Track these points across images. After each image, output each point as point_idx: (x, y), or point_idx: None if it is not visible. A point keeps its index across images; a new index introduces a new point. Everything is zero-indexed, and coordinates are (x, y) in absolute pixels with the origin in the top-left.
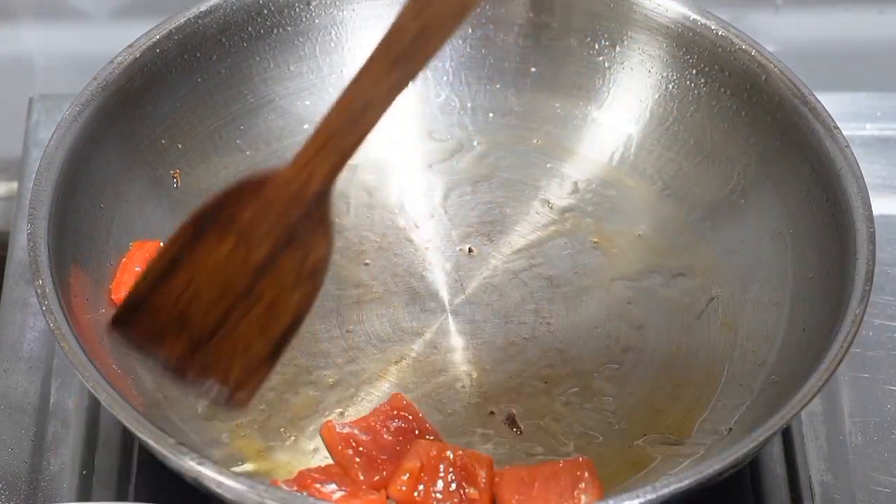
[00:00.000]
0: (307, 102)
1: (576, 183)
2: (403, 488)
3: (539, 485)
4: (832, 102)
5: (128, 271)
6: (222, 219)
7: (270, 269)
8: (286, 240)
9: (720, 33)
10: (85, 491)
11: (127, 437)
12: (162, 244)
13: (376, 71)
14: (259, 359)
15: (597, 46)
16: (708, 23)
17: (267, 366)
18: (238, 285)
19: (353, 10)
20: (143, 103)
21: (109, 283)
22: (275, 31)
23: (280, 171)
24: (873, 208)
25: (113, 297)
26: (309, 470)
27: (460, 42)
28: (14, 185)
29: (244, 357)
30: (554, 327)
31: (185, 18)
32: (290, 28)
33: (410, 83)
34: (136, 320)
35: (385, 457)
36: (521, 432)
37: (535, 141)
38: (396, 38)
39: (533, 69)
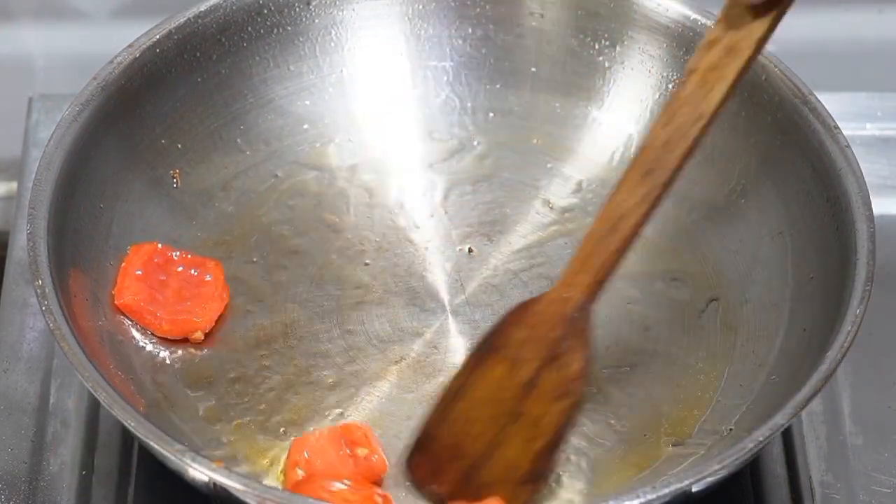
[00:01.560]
0: (307, 102)
1: (576, 183)
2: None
3: None
4: (832, 102)
5: (128, 276)
6: (496, 345)
7: (535, 386)
8: (549, 357)
9: None
10: (85, 491)
11: (127, 437)
12: (187, 252)
13: (630, 184)
14: (523, 479)
15: (597, 46)
16: (708, 22)
17: (529, 487)
18: (506, 407)
19: (353, 10)
20: (143, 103)
21: (109, 283)
22: (275, 30)
23: (548, 292)
24: (873, 208)
25: (116, 302)
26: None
27: (460, 42)
28: (14, 185)
29: (510, 478)
30: None
31: (184, 18)
32: (289, 28)
33: (662, 192)
34: (423, 456)
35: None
36: None
37: (536, 141)
38: (647, 151)
39: (533, 69)
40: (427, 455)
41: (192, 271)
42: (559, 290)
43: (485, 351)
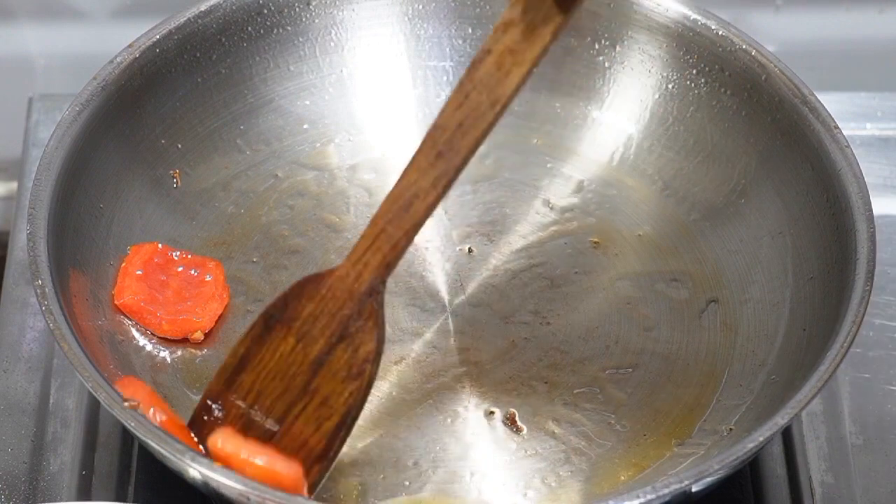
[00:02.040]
0: (307, 102)
1: (576, 183)
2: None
3: None
4: (832, 102)
5: (129, 276)
6: (285, 317)
7: (325, 364)
8: (340, 335)
9: (720, 33)
10: (84, 491)
11: (126, 437)
12: (187, 252)
13: (422, 164)
14: (313, 457)
15: (597, 46)
16: (708, 22)
17: (319, 465)
18: (296, 383)
19: (353, 10)
20: (143, 103)
21: (109, 283)
22: (274, 30)
23: (335, 269)
24: (873, 208)
25: (116, 302)
26: None
27: (460, 42)
28: (14, 185)
29: (299, 455)
30: (554, 327)
31: (184, 18)
32: (289, 28)
33: (454, 176)
34: (210, 420)
35: None
36: (520, 432)
37: (536, 141)
38: (439, 132)
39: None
40: (212, 425)
41: (193, 271)
42: (348, 267)
43: (274, 321)
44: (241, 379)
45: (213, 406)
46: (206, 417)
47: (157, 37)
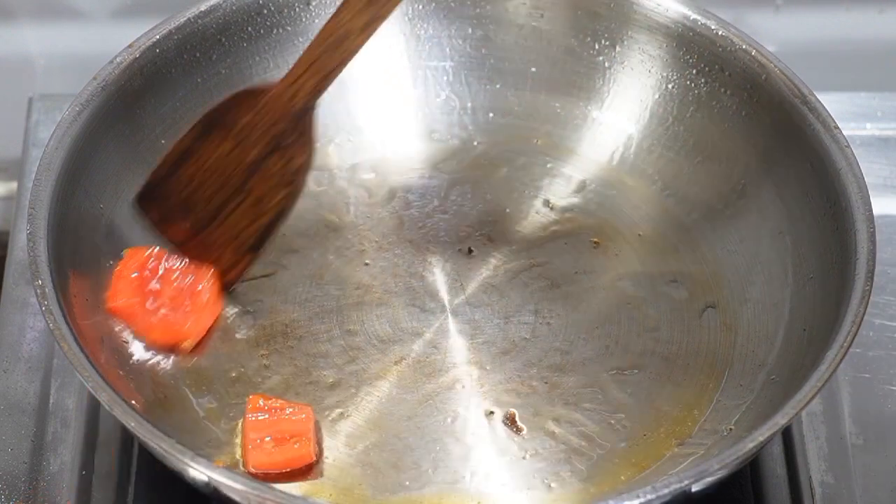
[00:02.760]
0: None
1: (576, 183)
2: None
3: None
4: (832, 102)
5: (122, 279)
6: (225, 122)
7: (260, 169)
8: (274, 145)
9: (720, 33)
10: (85, 491)
11: (127, 437)
12: (183, 259)
13: (355, 6)
14: (245, 247)
15: (597, 46)
16: (708, 23)
17: (250, 255)
18: (233, 181)
19: None
20: (143, 103)
21: (109, 284)
22: (274, 31)
23: (273, 85)
24: (873, 208)
25: (109, 304)
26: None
27: (460, 42)
28: (14, 185)
29: (234, 243)
30: (554, 327)
31: (184, 18)
32: (289, 28)
33: (383, 21)
34: (152, 203)
35: None
36: (521, 432)
37: (536, 141)
38: None
39: (533, 69)
40: (159, 203)
41: (187, 279)
42: (283, 87)
43: (212, 125)
44: (182, 170)
45: (156, 190)
46: (150, 199)
47: (157, 37)
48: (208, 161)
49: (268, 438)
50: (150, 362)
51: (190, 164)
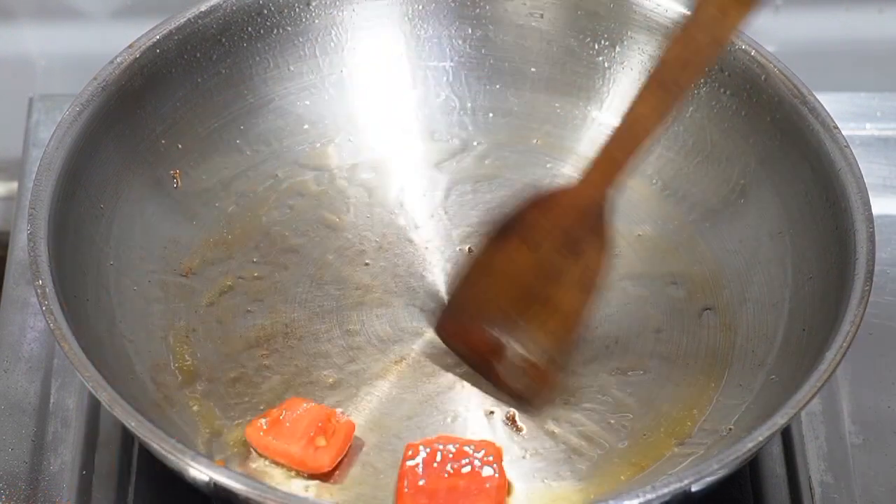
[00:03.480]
0: (307, 103)
1: None
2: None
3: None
4: (832, 102)
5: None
6: (519, 228)
7: (558, 273)
8: (570, 247)
9: None
10: (85, 491)
11: (127, 437)
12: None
13: (647, 98)
14: (549, 360)
15: (597, 46)
16: None
17: (555, 368)
18: (530, 288)
19: (353, 10)
20: (143, 103)
21: (110, 284)
22: (275, 31)
23: (567, 187)
24: (873, 208)
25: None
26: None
27: (460, 42)
28: (14, 185)
29: (535, 358)
30: None
31: (185, 19)
32: (289, 28)
33: (675, 107)
34: (451, 319)
35: None
36: (520, 432)
37: (535, 141)
38: (665, 68)
39: (533, 69)
40: (456, 321)
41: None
42: (581, 187)
43: (506, 232)
44: (481, 280)
45: (459, 313)
46: (451, 322)
47: (158, 37)
48: (504, 270)
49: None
50: (151, 362)
51: (487, 276)
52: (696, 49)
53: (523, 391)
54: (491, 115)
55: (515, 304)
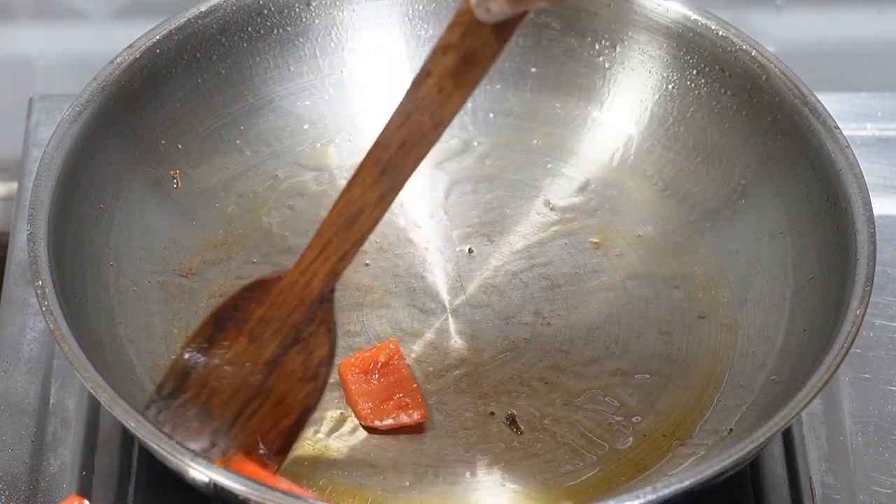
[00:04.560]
0: (307, 103)
1: (576, 183)
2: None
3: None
4: (833, 102)
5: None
6: (236, 318)
7: (279, 366)
8: (292, 340)
9: (721, 33)
10: (85, 492)
11: (127, 437)
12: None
13: (365, 180)
14: (272, 451)
15: (597, 47)
16: (708, 23)
17: (278, 459)
18: (252, 381)
19: (353, 10)
20: (143, 104)
21: (109, 284)
22: (275, 31)
23: (286, 274)
24: (874, 208)
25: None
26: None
27: None
28: (14, 186)
29: (257, 449)
30: (554, 328)
31: (184, 19)
32: (289, 28)
33: (399, 192)
34: (170, 407)
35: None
36: (521, 433)
37: (536, 141)
38: (382, 148)
39: (533, 69)
40: (174, 413)
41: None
42: (296, 275)
43: (224, 322)
44: (196, 374)
45: (172, 396)
46: (162, 409)
47: (158, 37)
48: (222, 362)
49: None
50: (150, 362)
51: (202, 368)
52: (415, 129)
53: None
54: (491, 115)
55: (238, 398)
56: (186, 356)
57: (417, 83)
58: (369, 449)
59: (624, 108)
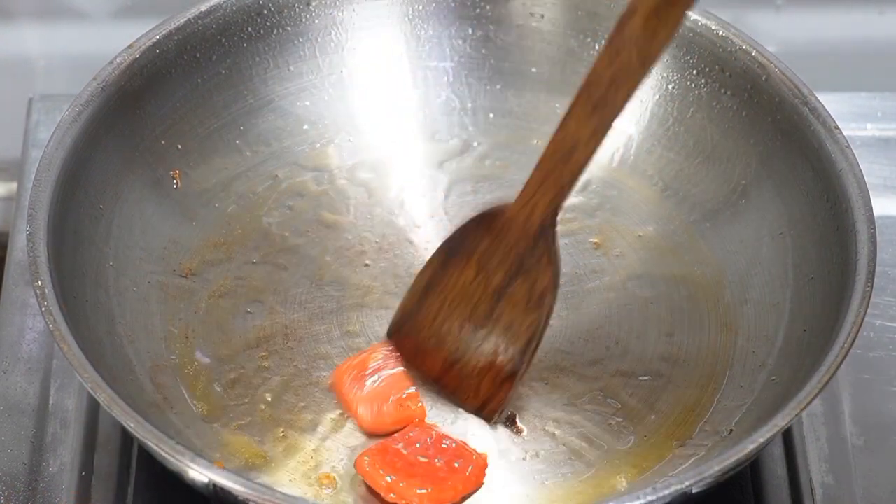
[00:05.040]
0: (307, 103)
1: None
2: None
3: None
4: (833, 102)
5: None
6: (464, 249)
7: (505, 295)
8: (517, 269)
9: (721, 33)
10: (84, 492)
11: (126, 438)
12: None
13: (579, 115)
14: (502, 376)
15: (597, 47)
16: (708, 23)
17: (508, 384)
18: (480, 309)
19: (353, 10)
20: (143, 104)
21: (109, 284)
22: (274, 31)
23: (508, 206)
24: (874, 209)
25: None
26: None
27: (460, 42)
28: (13, 186)
29: (490, 373)
30: (554, 328)
31: (184, 19)
32: (289, 28)
33: (610, 127)
34: (403, 337)
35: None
36: (521, 433)
37: (536, 141)
38: (593, 86)
39: (533, 69)
40: (411, 338)
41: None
42: (518, 208)
43: (452, 254)
44: (428, 301)
45: (406, 324)
46: (402, 334)
47: (158, 37)
48: (453, 291)
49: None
50: (150, 363)
51: (435, 295)
52: (623, 66)
53: (478, 406)
54: (491, 115)
55: (468, 324)
56: (420, 283)
57: (623, 22)
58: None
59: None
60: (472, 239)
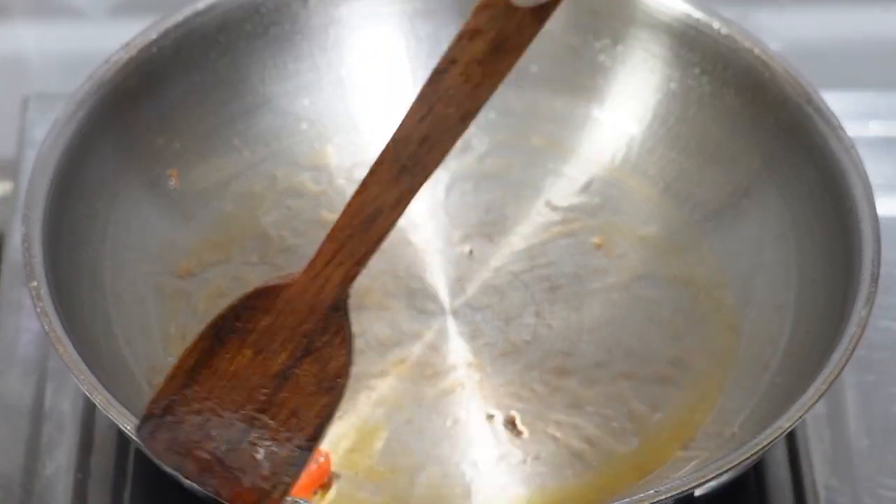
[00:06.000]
0: (305, 102)
1: (578, 184)
2: None
3: None
4: (837, 101)
5: None
6: (238, 329)
7: (291, 378)
8: (304, 349)
9: (724, 31)
10: (80, 494)
11: (122, 440)
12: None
13: (383, 179)
14: (284, 470)
15: (598, 45)
16: (711, 21)
17: (290, 480)
18: (258, 396)
19: (352, 8)
20: (140, 103)
21: (105, 285)
22: (272, 29)
23: (295, 280)
24: (878, 209)
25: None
26: None
27: None
28: (8, 186)
29: (267, 468)
30: (555, 329)
31: (181, 17)
32: (287, 26)
33: (419, 191)
34: (160, 433)
35: None
36: (521, 435)
37: (536, 141)
38: (401, 144)
39: (534, 68)
40: (166, 432)
41: None
42: (306, 282)
43: (225, 334)
44: (193, 389)
45: (161, 417)
46: (154, 429)
47: (154, 35)
48: (223, 378)
49: None
50: (147, 365)
51: (201, 381)
52: (438, 123)
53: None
54: (492, 114)
55: (241, 413)
56: (181, 370)
57: (440, 72)
58: (369, 451)
59: (625, 108)
60: (250, 317)
